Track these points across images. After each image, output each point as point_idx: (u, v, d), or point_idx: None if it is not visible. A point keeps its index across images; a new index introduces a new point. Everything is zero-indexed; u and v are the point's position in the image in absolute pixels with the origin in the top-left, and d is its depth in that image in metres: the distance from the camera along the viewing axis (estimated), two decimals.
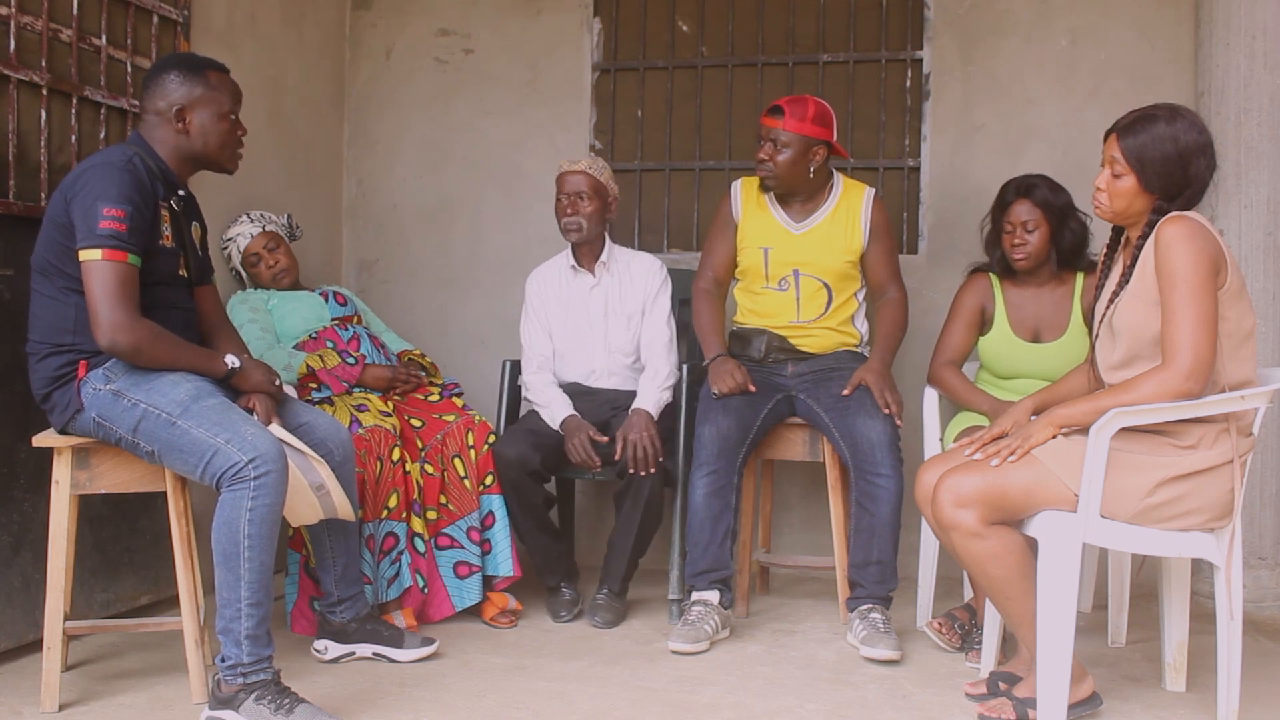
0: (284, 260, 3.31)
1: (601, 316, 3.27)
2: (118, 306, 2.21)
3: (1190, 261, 2.14)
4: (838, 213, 3.14)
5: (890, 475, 2.87)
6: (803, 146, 3.01)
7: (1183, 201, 2.24)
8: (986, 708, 2.32)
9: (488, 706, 2.41)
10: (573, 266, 3.29)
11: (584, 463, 3.06)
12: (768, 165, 3.03)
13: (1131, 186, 2.25)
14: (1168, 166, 2.21)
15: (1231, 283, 2.20)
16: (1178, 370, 2.14)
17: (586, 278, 3.29)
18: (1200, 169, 2.23)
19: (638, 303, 3.28)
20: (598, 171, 3.21)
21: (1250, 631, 2.85)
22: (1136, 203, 2.27)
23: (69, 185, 2.28)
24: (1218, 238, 2.20)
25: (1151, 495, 2.18)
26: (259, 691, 2.19)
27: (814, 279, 3.11)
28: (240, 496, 2.18)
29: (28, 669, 2.58)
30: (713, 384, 3.02)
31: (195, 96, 2.41)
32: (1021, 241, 2.90)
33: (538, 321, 3.31)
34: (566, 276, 3.31)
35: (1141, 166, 2.23)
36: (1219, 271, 2.18)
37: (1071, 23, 3.66)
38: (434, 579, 3.01)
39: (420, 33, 4.12)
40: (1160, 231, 2.19)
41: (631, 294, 3.28)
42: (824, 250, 3.11)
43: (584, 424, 3.09)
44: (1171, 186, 2.23)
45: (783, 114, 3.00)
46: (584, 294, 3.28)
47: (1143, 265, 2.24)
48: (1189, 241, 2.15)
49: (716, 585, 2.93)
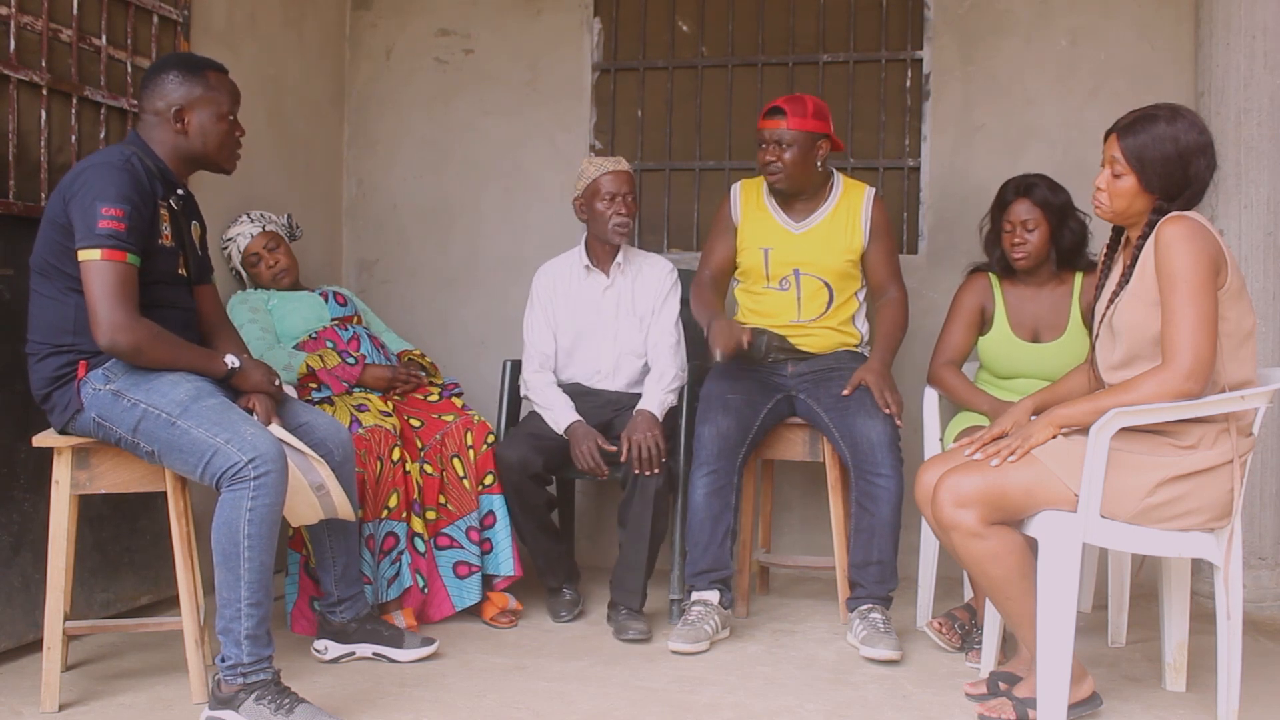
0: (284, 260, 3.31)
1: (613, 317, 3.25)
2: (117, 306, 2.21)
3: (1190, 261, 2.14)
4: (838, 212, 3.14)
5: (890, 475, 2.87)
6: (807, 142, 3.02)
7: (1183, 201, 2.24)
8: (986, 708, 2.32)
9: (488, 706, 2.41)
10: (587, 266, 3.27)
11: (593, 470, 3.03)
12: (775, 166, 3.03)
13: (1131, 186, 2.25)
14: (1168, 166, 2.21)
15: (1231, 283, 2.20)
16: (1178, 370, 2.14)
17: (600, 278, 3.27)
18: (1200, 169, 2.23)
19: (649, 304, 3.26)
20: (631, 169, 3.21)
21: (1250, 631, 2.85)
22: (1137, 203, 2.26)
23: (67, 185, 2.28)
24: (1218, 238, 2.20)
25: (1151, 495, 2.18)
26: (259, 691, 2.19)
27: (815, 278, 3.11)
28: (240, 496, 2.18)
29: (28, 669, 2.58)
30: (713, 344, 2.95)
31: (194, 97, 2.41)
32: (1021, 241, 2.90)
33: (544, 318, 3.28)
34: (579, 275, 3.28)
35: (1142, 166, 2.23)
36: (1219, 271, 2.18)
37: (1071, 23, 3.66)
38: (434, 579, 3.01)
39: (420, 33, 4.12)
40: (1160, 231, 2.19)
41: (644, 296, 3.27)
42: (824, 250, 3.11)
43: (591, 431, 3.06)
44: (1172, 186, 2.23)
45: (784, 114, 3.00)
46: (596, 294, 3.26)
47: (1143, 265, 2.24)
48: (1189, 241, 2.15)
49: (716, 585, 2.92)
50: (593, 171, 3.16)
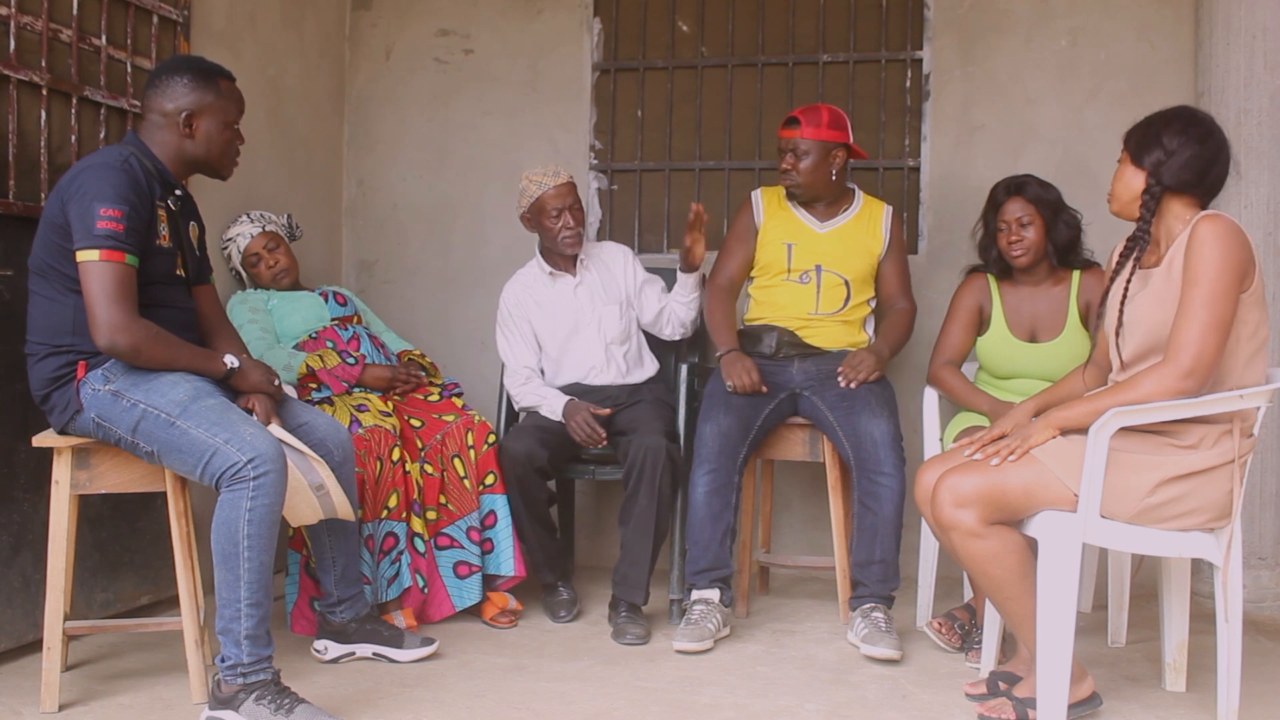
0: (284, 260, 3.31)
1: (590, 311, 3.28)
2: (116, 307, 2.21)
3: (1219, 262, 2.13)
4: (860, 219, 3.22)
5: (893, 474, 2.89)
6: (822, 151, 3.10)
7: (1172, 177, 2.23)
8: (986, 708, 2.32)
9: (488, 706, 2.41)
10: (550, 273, 3.30)
11: (588, 439, 3.07)
12: (791, 174, 3.13)
13: (1125, 166, 2.29)
14: (1148, 139, 2.25)
15: (1256, 288, 2.19)
16: (1177, 367, 2.14)
17: (567, 279, 3.30)
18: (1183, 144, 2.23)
19: (622, 289, 3.32)
20: (570, 177, 3.25)
21: (1250, 631, 2.85)
22: (1132, 183, 2.28)
23: (65, 186, 2.28)
24: (1251, 244, 2.20)
25: (1151, 495, 2.18)
26: (259, 691, 2.19)
27: (835, 275, 3.16)
28: (239, 496, 2.18)
29: (28, 669, 2.58)
30: (727, 377, 3.03)
31: (206, 104, 2.42)
32: (1018, 238, 2.91)
33: (519, 335, 3.31)
34: (545, 283, 3.31)
35: (1135, 147, 2.28)
36: (1246, 276, 2.17)
37: (1071, 23, 3.66)
38: (434, 579, 3.01)
39: (420, 33, 4.12)
40: (1196, 227, 2.18)
41: (613, 282, 3.33)
42: (847, 249, 3.17)
43: (582, 404, 3.12)
44: (1155, 160, 2.24)
45: (799, 124, 3.10)
46: (568, 294, 3.29)
47: (1170, 263, 2.23)
48: (1222, 242, 2.14)
49: (717, 584, 2.93)
50: (534, 190, 3.19)
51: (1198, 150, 2.23)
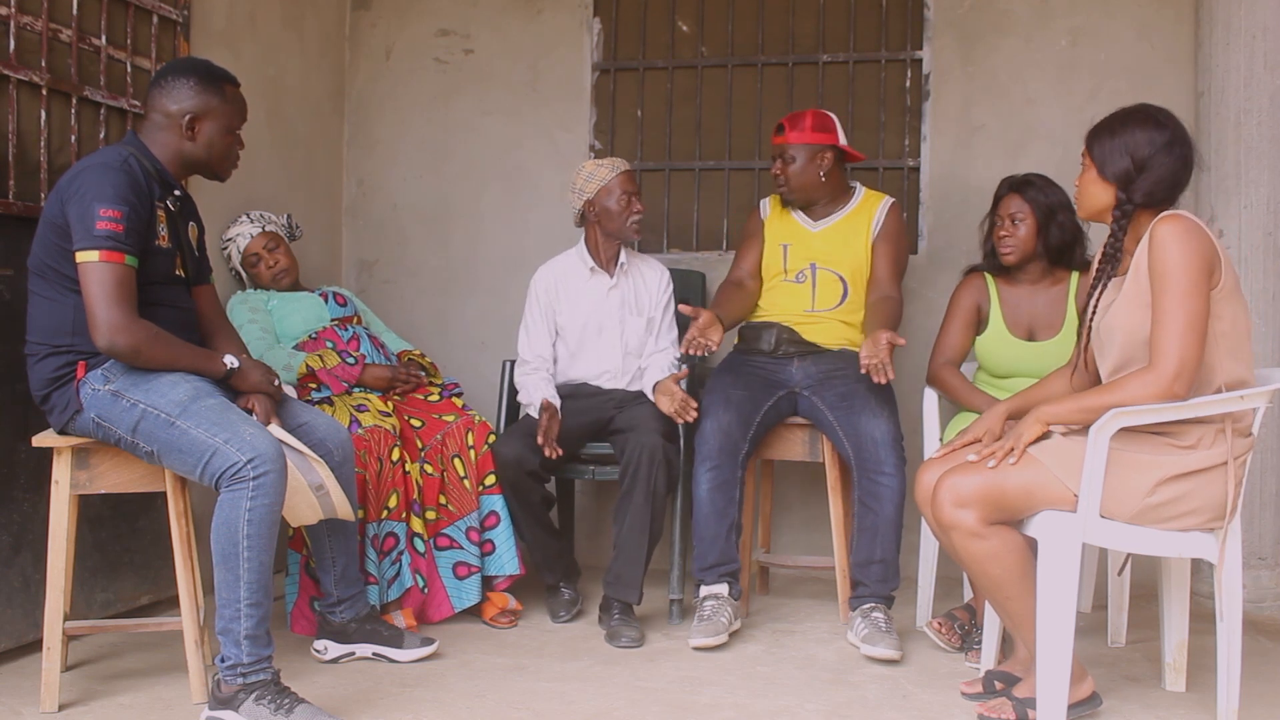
0: (284, 260, 3.31)
1: (618, 318, 3.27)
2: (115, 307, 2.21)
3: (1183, 260, 2.14)
4: (856, 214, 3.23)
5: (893, 474, 2.89)
6: (808, 154, 3.14)
7: (1145, 195, 2.23)
8: (986, 708, 2.32)
9: (488, 706, 2.41)
10: (592, 267, 3.27)
11: (544, 444, 2.97)
12: (780, 179, 3.18)
13: (1092, 178, 2.29)
14: (1114, 152, 2.24)
15: (1225, 282, 2.19)
16: (1163, 373, 2.14)
17: (604, 278, 3.28)
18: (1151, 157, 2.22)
19: (651, 306, 3.32)
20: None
21: (1250, 631, 2.85)
22: (1101, 196, 2.28)
23: (64, 187, 2.28)
24: (1213, 238, 2.20)
25: (1151, 495, 2.18)
26: (259, 691, 2.19)
27: (830, 272, 3.17)
28: (239, 496, 2.18)
29: (28, 669, 2.58)
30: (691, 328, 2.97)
31: (210, 108, 2.42)
32: (1008, 234, 2.93)
33: (543, 320, 3.28)
34: (583, 276, 3.29)
35: (1100, 158, 2.27)
36: (1213, 272, 2.17)
37: (1071, 23, 3.66)
38: (434, 579, 3.01)
39: (420, 33, 4.12)
40: (1155, 230, 2.19)
41: (645, 296, 3.32)
42: (841, 245, 3.18)
43: (552, 409, 3.03)
44: (1124, 176, 2.23)
45: (784, 130, 3.16)
46: (601, 294, 3.28)
47: (1136, 267, 2.24)
48: (1183, 240, 2.15)
49: (725, 578, 2.95)
50: (605, 174, 3.19)
51: (1166, 163, 2.23)
